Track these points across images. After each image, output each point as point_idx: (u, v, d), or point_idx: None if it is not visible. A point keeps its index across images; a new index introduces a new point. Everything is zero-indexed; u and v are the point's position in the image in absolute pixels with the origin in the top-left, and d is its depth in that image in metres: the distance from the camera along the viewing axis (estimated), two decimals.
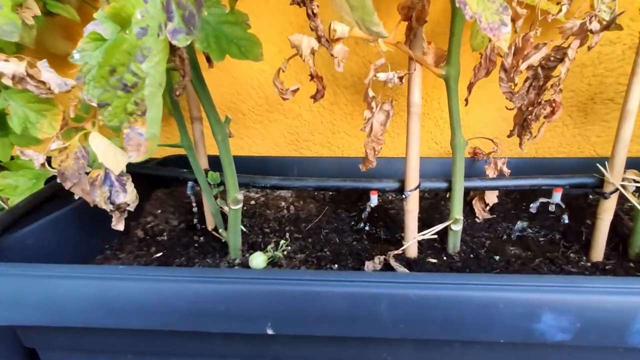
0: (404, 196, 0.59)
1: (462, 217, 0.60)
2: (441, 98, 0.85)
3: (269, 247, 0.63)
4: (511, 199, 0.75)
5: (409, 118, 0.57)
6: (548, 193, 0.61)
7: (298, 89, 0.57)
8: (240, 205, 0.59)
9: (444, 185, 0.61)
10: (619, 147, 0.56)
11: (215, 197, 0.64)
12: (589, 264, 0.59)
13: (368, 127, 0.54)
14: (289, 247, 0.64)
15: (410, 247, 0.61)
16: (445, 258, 0.61)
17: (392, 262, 0.57)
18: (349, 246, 0.64)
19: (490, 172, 0.66)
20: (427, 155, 0.91)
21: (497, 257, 0.61)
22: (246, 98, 0.92)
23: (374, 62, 0.51)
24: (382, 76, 0.50)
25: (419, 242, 0.62)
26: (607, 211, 0.58)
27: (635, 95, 0.53)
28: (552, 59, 0.48)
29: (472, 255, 0.62)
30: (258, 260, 0.58)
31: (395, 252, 0.59)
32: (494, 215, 0.70)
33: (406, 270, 0.56)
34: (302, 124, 0.93)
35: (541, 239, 0.65)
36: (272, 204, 0.76)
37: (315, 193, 0.81)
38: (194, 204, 0.69)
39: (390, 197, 0.79)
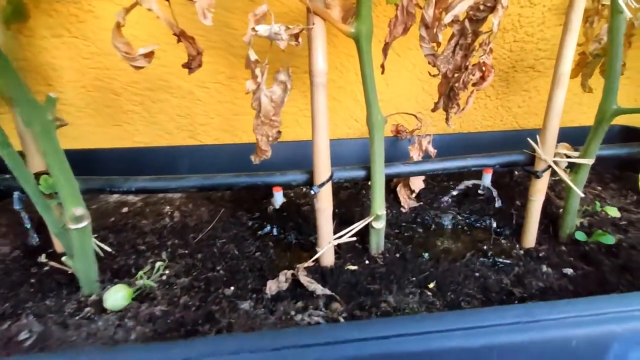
0: (312, 192, 0.46)
1: (384, 212, 0.49)
2: (360, 68, 0.73)
3: (141, 273, 0.47)
4: (437, 182, 0.66)
5: (313, 91, 0.44)
6: (477, 174, 0.53)
7: (152, 52, 0.40)
8: (85, 223, 0.42)
9: (362, 173, 0.50)
10: (550, 117, 0.48)
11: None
12: (521, 252, 0.52)
13: (255, 104, 0.39)
14: (169, 270, 0.48)
15: (325, 254, 0.49)
16: (367, 262, 0.50)
17: (302, 278, 0.45)
18: (250, 259, 0.50)
19: (415, 154, 0.57)
20: (347, 135, 0.79)
21: (425, 255, 0.51)
22: (118, 73, 0.71)
23: (253, 11, 0.36)
24: (262, 30, 0.35)
25: (337, 245, 0.51)
26: (539, 192, 0.51)
27: (568, 55, 0.46)
28: (481, 7, 0.37)
29: (397, 255, 0.52)
30: (115, 297, 0.41)
31: (306, 264, 0.46)
32: (421, 203, 0.61)
33: (319, 287, 0.44)
34: (195, 104, 0.75)
35: (471, 227, 0.58)
36: (152, 211, 0.58)
37: (210, 192, 0.65)
38: (26, 222, 0.49)
39: (303, 190, 0.66)
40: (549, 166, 0.49)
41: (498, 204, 0.54)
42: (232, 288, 0.46)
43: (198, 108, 0.76)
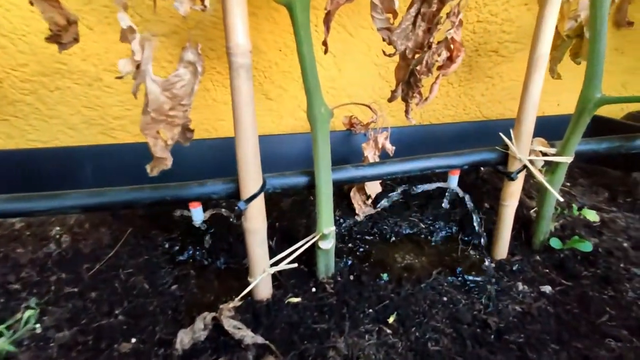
0: (237, 208, 0.35)
1: (333, 229, 0.40)
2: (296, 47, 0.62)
3: (2, 328, 0.34)
4: (397, 182, 0.58)
5: (232, 75, 0.32)
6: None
7: None
8: None
9: (303, 180, 0.39)
10: (526, 107, 0.41)
11: None
12: (493, 265, 0.45)
13: (146, 95, 0.28)
14: (48, 318, 0.36)
15: (260, 286, 0.38)
16: (314, 290, 0.40)
17: (227, 323, 0.34)
18: (163, 295, 0.39)
19: (370, 153, 0.47)
20: (294, 129, 0.68)
21: (384, 277, 0.42)
22: None
23: None
24: None
25: (278, 271, 0.40)
26: (512, 196, 0.44)
27: (547, 32, 0.38)
28: None
29: (352, 278, 0.42)
30: None
31: (233, 303, 0.36)
32: (378, 209, 0.52)
33: (248, 334, 0.34)
34: (107, 93, 0.61)
35: (436, 236, 0.50)
36: (34, 234, 0.45)
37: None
38: None
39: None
40: (524, 166, 0.42)
41: (470, 206, 0.46)
42: (132, 341, 0.34)
43: (111, 98, 0.61)
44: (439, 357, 0.33)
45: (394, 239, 0.49)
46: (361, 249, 0.47)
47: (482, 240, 0.48)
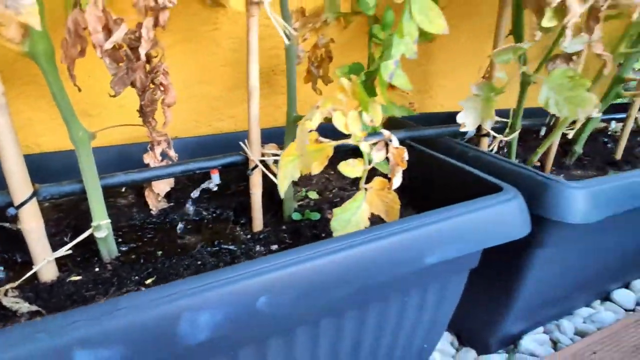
0: (8, 214, 0.46)
1: (107, 221, 0.52)
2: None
3: None
4: (191, 180, 0.73)
5: None
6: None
7: None
8: None
9: (78, 187, 0.51)
10: (251, 124, 0.58)
11: None
12: (249, 237, 0.62)
13: None
14: None
15: (44, 270, 0.50)
16: (97, 270, 0.53)
17: (5, 301, 0.45)
18: None
19: (151, 161, 0.61)
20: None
21: (159, 254, 0.57)
22: None
23: None
24: None
25: (67, 256, 0.52)
26: (255, 186, 0.62)
27: (254, 71, 0.55)
28: (133, 37, 0.42)
29: (133, 257, 0.56)
30: None
31: (9, 285, 0.46)
32: (172, 203, 0.66)
33: (25, 305, 0.45)
34: None
35: (214, 220, 0.66)
36: None
37: None
38: None
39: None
40: (256, 165, 0.60)
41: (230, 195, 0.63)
42: None
43: None
44: None
45: (179, 225, 0.64)
46: (148, 236, 0.61)
47: (246, 220, 0.65)
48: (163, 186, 0.64)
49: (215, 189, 0.66)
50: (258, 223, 0.64)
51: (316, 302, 0.41)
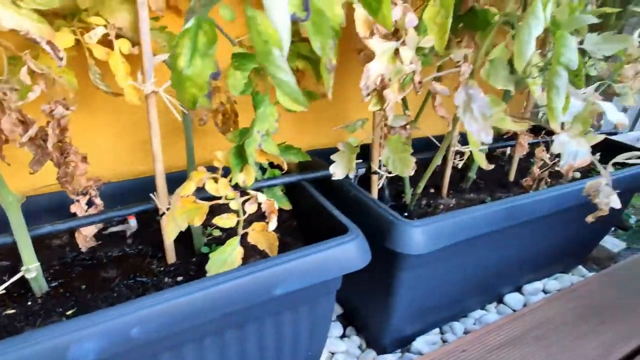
0: None
1: (36, 264, 0.66)
2: None
3: None
4: (118, 222, 0.86)
5: None
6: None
7: None
8: None
9: (9, 240, 0.65)
10: (157, 180, 0.72)
11: None
12: (162, 269, 0.76)
13: None
14: None
15: None
16: (29, 303, 0.67)
17: None
18: None
19: (77, 211, 0.74)
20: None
21: (83, 287, 0.71)
22: None
23: None
24: None
25: (5, 295, 0.65)
26: (165, 227, 0.76)
27: (155, 142, 0.69)
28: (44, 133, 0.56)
29: (61, 291, 0.70)
30: None
31: None
32: (100, 242, 0.80)
33: None
34: None
35: (135, 256, 0.80)
36: None
37: None
38: None
39: None
40: (164, 212, 0.74)
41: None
42: None
43: None
44: None
45: (105, 261, 0.77)
46: (77, 272, 0.74)
47: (162, 254, 0.79)
48: (90, 230, 0.78)
49: (134, 230, 0.80)
50: (171, 256, 0.78)
51: (180, 327, 0.55)
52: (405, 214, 0.99)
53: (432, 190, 1.13)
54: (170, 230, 0.63)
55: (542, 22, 0.52)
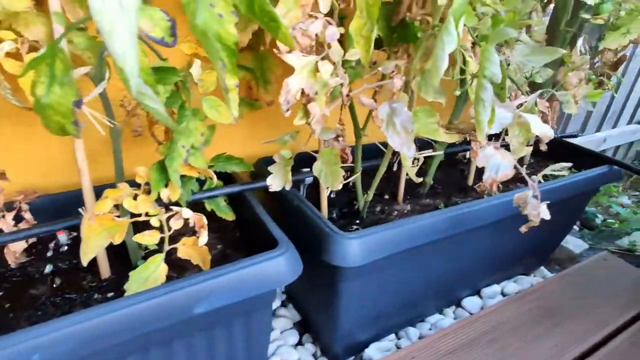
0: None
1: None
2: None
3: None
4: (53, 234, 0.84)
5: None
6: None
7: None
8: None
9: None
10: (85, 194, 0.70)
11: None
12: (94, 284, 0.75)
13: None
14: None
15: None
16: None
17: None
18: None
19: (3, 227, 0.72)
20: None
21: (7, 305, 0.69)
22: None
23: None
24: None
25: None
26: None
27: (79, 154, 0.67)
28: None
29: None
30: None
31: None
32: (32, 257, 0.78)
33: None
34: None
35: (69, 269, 0.78)
36: None
37: None
38: None
39: None
40: None
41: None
42: None
43: None
44: None
45: (37, 277, 0.75)
46: (3, 289, 0.72)
47: (96, 268, 0.78)
48: (20, 245, 0.75)
49: (66, 245, 0.78)
50: (105, 271, 0.77)
51: (92, 350, 0.54)
52: (357, 221, 0.98)
53: (386, 197, 1.12)
54: (85, 251, 0.62)
55: (455, 37, 0.51)
